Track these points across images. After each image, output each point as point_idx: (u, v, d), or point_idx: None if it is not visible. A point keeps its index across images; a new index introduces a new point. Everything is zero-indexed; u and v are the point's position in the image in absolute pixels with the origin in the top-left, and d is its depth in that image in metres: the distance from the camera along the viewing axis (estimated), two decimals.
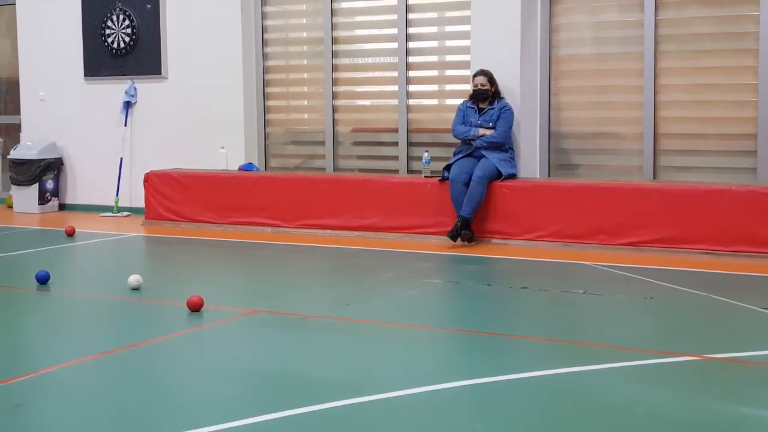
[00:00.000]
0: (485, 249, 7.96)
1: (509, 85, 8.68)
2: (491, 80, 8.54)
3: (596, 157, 8.87)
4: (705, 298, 5.90)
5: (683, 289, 6.18)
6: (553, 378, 4.21)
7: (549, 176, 8.93)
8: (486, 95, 8.51)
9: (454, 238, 8.08)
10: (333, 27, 9.87)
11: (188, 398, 4.01)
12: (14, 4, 11.30)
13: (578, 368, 4.34)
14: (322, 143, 10.00)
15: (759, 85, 8.07)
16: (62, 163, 11.03)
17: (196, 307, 5.57)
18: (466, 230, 8.11)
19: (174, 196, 9.66)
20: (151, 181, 9.78)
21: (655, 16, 8.46)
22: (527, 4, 8.77)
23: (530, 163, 8.87)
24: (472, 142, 8.44)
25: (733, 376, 4.30)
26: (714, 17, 8.32)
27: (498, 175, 8.27)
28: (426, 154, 8.87)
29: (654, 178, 8.50)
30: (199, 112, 10.24)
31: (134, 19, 10.48)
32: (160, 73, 10.41)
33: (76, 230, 8.94)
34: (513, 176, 8.38)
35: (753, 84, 8.12)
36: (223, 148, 10.02)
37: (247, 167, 9.84)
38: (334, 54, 9.89)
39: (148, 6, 10.40)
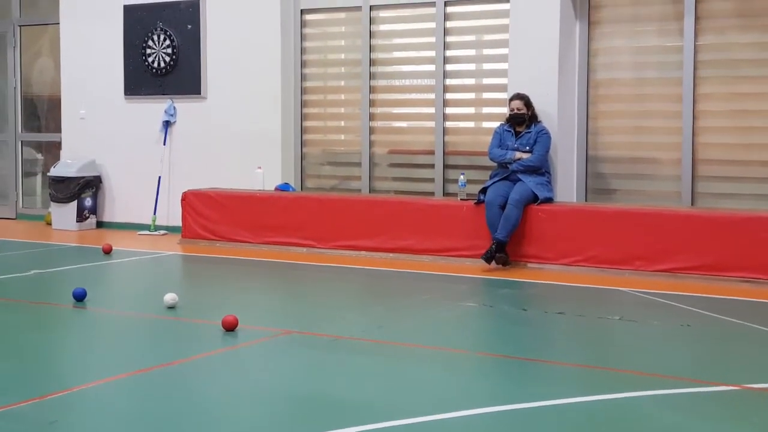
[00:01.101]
0: (520, 273, 7.92)
1: (546, 109, 8.66)
2: (528, 104, 8.52)
3: (634, 182, 8.81)
4: (744, 327, 5.82)
5: (721, 317, 6.10)
6: (588, 405, 4.16)
7: (586, 201, 8.88)
8: (522, 119, 8.49)
9: (488, 260, 8.05)
10: (371, 49, 9.91)
11: (220, 418, 4.00)
12: (58, 23, 11.46)
13: (614, 395, 4.29)
14: (359, 164, 10.03)
15: None
16: (101, 181, 11.13)
17: (230, 327, 5.58)
18: (501, 253, 8.07)
19: (211, 215, 9.71)
20: (189, 199, 9.85)
21: (695, 41, 8.41)
22: (565, 28, 8.75)
23: (567, 187, 8.83)
24: (508, 165, 8.42)
25: None
26: (754, 43, 8.26)
27: (534, 198, 8.23)
28: (462, 176, 8.85)
29: (692, 204, 8.42)
30: (237, 131, 10.31)
31: (175, 39, 10.59)
32: (200, 93, 10.50)
33: (113, 248, 9.01)
34: (549, 200, 8.34)
35: None
36: (260, 168, 10.07)
37: (284, 187, 9.88)
38: (372, 75, 9.92)
39: (189, 26, 10.50)
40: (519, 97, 8.53)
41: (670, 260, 7.64)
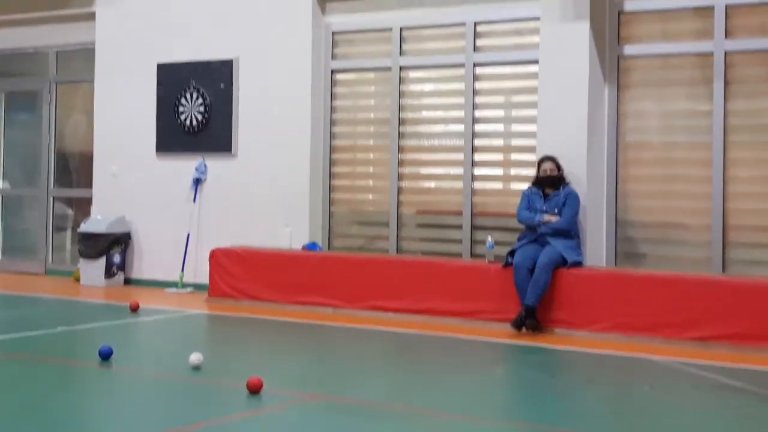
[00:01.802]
0: (549, 339, 7.83)
1: (575, 171, 8.63)
2: (558, 166, 8.51)
3: (664, 247, 8.73)
4: None
5: (752, 387, 5.98)
6: None
7: (615, 265, 8.80)
8: (555, 181, 8.47)
9: (518, 327, 7.97)
10: (400, 108, 9.96)
11: None
12: (92, 81, 11.63)
13: None
14: (386, 224, 10.03)
15: None
16: (130, 238, 11.20)
17: (255, 389, 5.54)
18: (531, 319, 8.00)
19: (238, 273, 9.73)
20: (217, 257, 9.88)
21: (725, 106, 8.38)
22: (595, 91, 8.76)
23: (596, 250, 8.77)
24: (537, 228, 8.39)
25: None
26: None
27: (563, 262, 8.17)
28: (490, 238, 8.82)
29: (723, 270, 8.33)
30: (266, 190, 10.36)
31: (207, 98, 10.71)
32: (230, 151, 10.58)
33: (140, 305, 9.03)
34: (579, 264, 8.28)
35: None
36: (288, 226, 10.10)
37: (311, 246, 9.89)
38: (401, 135, 9.97)
39: (222, 85, 10.62)
40: (550, 158, 8.52)
41: (700, 328, 7.53)
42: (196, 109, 10.78)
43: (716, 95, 8.43)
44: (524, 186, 8.80)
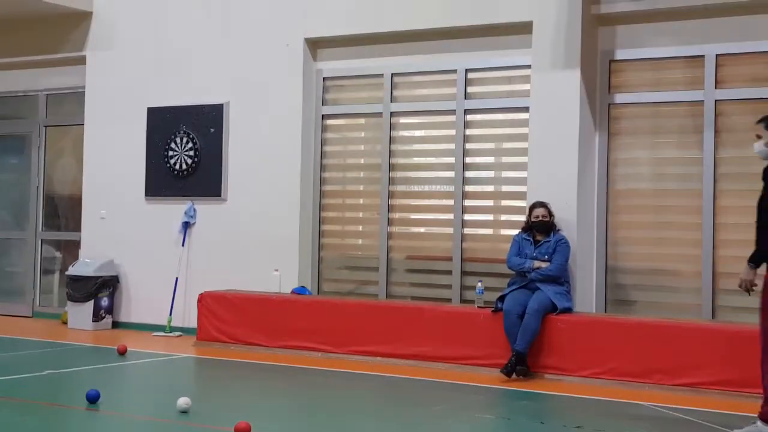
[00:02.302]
0: (539, 384, 7.80)
1: (566, 218, 8.66)
2: (549, 212, 8.54)
3: (654, 294, 8.74)
4: None
5: None
6: None
7: (605, 311, 8.80)
8: (546, 227, 8.49)
9: (509, 374, 7.92)
10: (391, 154, 9.99)
11: None
12: (82, 124, 11.64)
13: None
14: (376, 269, 10.01)
15: None
16: (118, 281, 11.14)
17: None
18: (522, 365, 7.97)
19: (226, 317, 9.67)
20: (205, 301, 9.83)
21: (715, 154, 8.45)
22: (585, 138, 8.82)
23: (586, 297, 8.77)
24: (527, 274, 8.38)
25: None
26: None
27: (553, 308, 8.17)
28: (479, 284, 8.81)
29: (713, 317, 8.33)
30: (255, 234, 10.34)
31: (197, 142, 10.72)
32: (220, 195, 10.58)
33: (128, 349, 8.95)
34: (569, 310, 8.27)
35: None
36: (277, 270, 10.08)
37: (300, 291, 9.85)
38: (391, 180, 9.99)
39: (212, 130, 10.64)
40: (542, 204, 8.55)
41: (691, 374, 7.52)
42: (186, 153, 10.79)
43: (706, 143, 8.50)
44: (514, 232, 8.81)
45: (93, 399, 6.37)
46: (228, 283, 10.21)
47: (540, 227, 8.52)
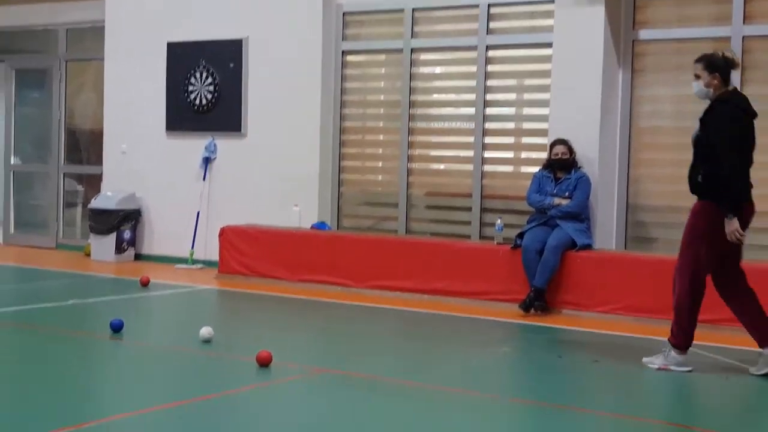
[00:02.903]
0: (556, 319, 7.86)
1: (587, 155, 8.63)
2: (570, 149, 8.51)
3: (674, 232, 8.69)
4: None
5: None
6: None
7: (625, 248, 8.81)
8: (566, 164, 8.47)
9: (527, 309, 7.98)
10: (411, 91, 9.96)
11: None
12: (102, 59, 11.64)
13: None
14: (396, 205, 10.04)
15: None
16: (140, 214, 11.23)
17: (265, 363, 5.57)
18: (539, 301, 8.02)
19: (247, 251, 9.75)
20: (226, 235, 9.91)
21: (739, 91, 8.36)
22: (608, 75, 8.75)
23: (606, 234, 8.77)
24: (547, 211, 8.39)
25: None
26: None
27: (573, 244, 8.18)
28: (499, 220, 8.83)
29: None
30: (275, 169, 10.37)
31: (217, 77, 10.71)
32: (240, 131, 10.59)
33: (151, 280, 9.06)
34: (588, 247, 8.29)
35: None
36: (297, 206, 10.13)
37: (320, 226, 9.91)
38: (411, 117, 9.96)
39: (231, 65, 10.62)
40: (562, 142, 8.52)
41: (708, 311, 7.49)
42: (206, 88, 10.79)
43: (731, 80, 8.39)
44: (535, 169, 8.80)
45: (117, 328, 6.48)
46: (248, 218, 10.27)
47: (559, 165, 8.50)
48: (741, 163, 5.93)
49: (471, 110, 9.62)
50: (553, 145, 8.59)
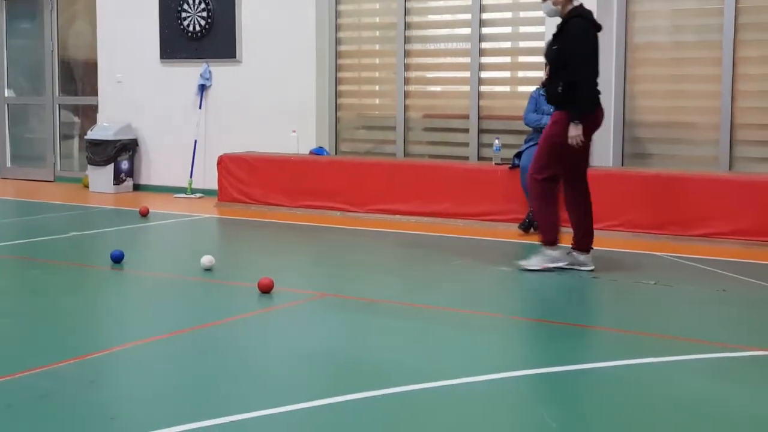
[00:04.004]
0: None
1: None
2: None
3: (671, 147, 8.73)
4: None
5: (757, 281, 6.06)
6: (619, 369, 4.17)
7: (622, 165, 8.82)
8: None
9: (526, 229, 8.03)
10: (406, 12, 9.86)
11: (256, 379, 4.06)
12: None
13: (647, 360, 4.29)
14: (393, 128, 10.02)
15: None
16: (137, 144, 11.22)
17: (267, 289, 5.63)
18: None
19: (246, 178, 9.77)
20: (224, 163, 9.91)
21: (735, 3, 8.28)
22: None
23: (603, 151, 8.76)
24: (544, 130, 8.36)
25: None
26: None
27: None
28: (497, 141, 8.82)
29: (730, 168, 8.35)
30: (271, 95, 10.32)
31: (210, 3, 10.59)
32: (235, 57, 10.52)
33: (150, 211, 9.09)
34: None
35: None
36: (295, 131, 10.11)
37: (318, 151, 9.91)
38: (407, 39, 9.88)
39: None
40: None
41: (706, 225, 7.59)
42: (199, 15, 10.68)
43: None
44: (532, 89, 8.75)
45: (117, 259, 6.52)
46: (246, 146, 10.26)
47: None
48: (592, 74, 6.35)
49: (467, 30, 9.54)
50: (545, 64, 8.51)
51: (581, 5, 6.54)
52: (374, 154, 10.15)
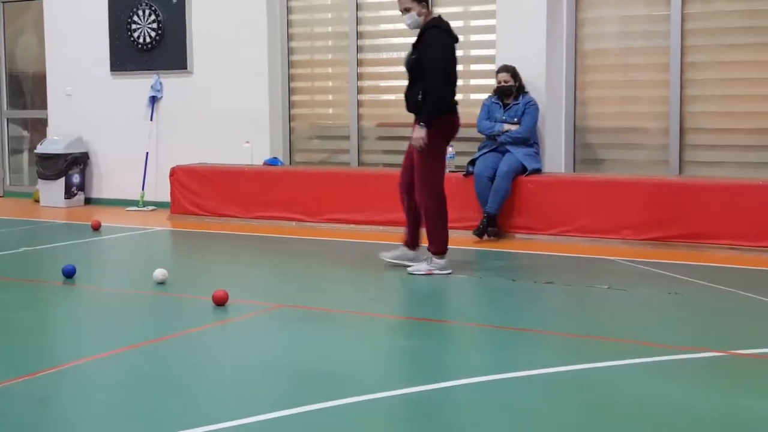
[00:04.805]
0: (510, 244, 7.94)
1: (534, 80, 8.64)
2: (515, 76, 8.51)
3: (622, 152, 8.82)
4: (730, 294, 5.86)
5: (708, 284, 6.14)
6: (574, 374, 4.19)
7: (574, 171, 8.89)
8: (510, 91, 8.48)
9: (480, 234, 8.07)
10: (358, 21, 9.87)
11: (209, 393, 4.02)
12: None
13: (601, 364, 4.31)
14: (347, 138, 10.01)
15: None
16: (88, 158, 11.10)
17: (220, 302, 5.59)
18: (493, 227, 8.10)
19: (199, 190, 9.70)
20: (177, 175, 9.83)
21: (682, 9, 8.40)
22: None
23: (555, 157, 8.84)
24: (496, 137, 8.42)
25: (759, 372, 4.26)
26: (742, 11, 8.25)
27: (523, 169, 8.24)
28: (450, 149, 8.82)
29: (680, 173, 8.45)
30: (224, 106, 10.27)
31: (160, 14, 10.52)
32: (186, 68, 10.45)
33: (102, 224, 8.99)
34: (538, 171, 8.35)
35: None
36: (248, 142, 10.06)
37: (272, 162, 9.87)
38: (359, 48, 9.89)
39: (174, 1, 10.43)
40: (506, 69, 8.51)
41: (657, 229, 7.67)
42: (149, 26, 10.60)
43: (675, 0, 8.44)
44: (484, 96, 8.80)
45: (69, 274, 6.44)
46: (199, 157, 10.20)
47: (504, 92, 8.51)
48: (447, 82, 6.53)
49: None
50: (497, 72, 8.59)
51: (439, 16, 6.77)
52: (328, 164, 10.13)
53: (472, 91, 9.48)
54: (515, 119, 8.42)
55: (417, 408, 3.78)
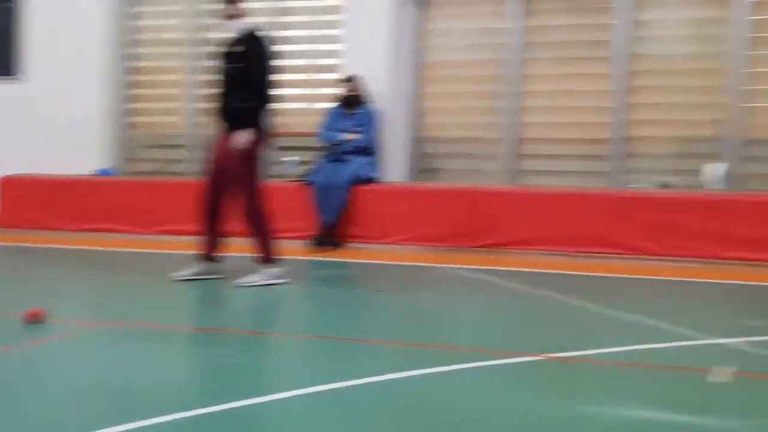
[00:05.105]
0: (344, 253, 7.85)
1: (378, 89, 8.62)
2: (359, 85, 8.47)
3: (460, 162, 8.88)
4: (549, 299, 5.91)
5: (531, 290, 6.18)
6: (401, 381, 4.05)
7: (414, 180, 8.89)
8: (354, 100, 8.45)
9: (318, 244, 7.96)
10: (199, 29, 9.65)
11: (25, 414, 3.74)
12: None
13: (427, 371, 4.20)
14: (182, 147, 9.77)
15: (612, 91, 8.24)
16: None
17: (35, 320, 5.25)
18: (330, 236, 8.01)
19: (28, 202, 9.27)
20: (5, 187, 9.38)
21: (524, 23, 8.52)
22: (399, 10, 8.72)
23: (396, 167, 8.82)
24: (338, 146, 8.35)
25: (570, 375, 4.27)
26: (579, 25, 8.45)
27: (362, 179, 8.19)
28: (292, 158, 8.73)
29: (517, 181, 8.55)
30: (57, 114, 9.85)
31: None
32: (15, 75, 10.00)
33: None
34: (375, 180, 8.31)
35: (608, 91, 8.28)
36: (82, 151, 9.69)
37: (104, 172, 9.53)
38: (201, 56, 9.67)
39: (8, 4, 9.98)
40: (348, 79, 8.48)
41: (491, 236, 7.74)
42: None
43: (516, 13, 8.55)
44: (328, 105, 8.72)
45: None
46: (29, 167, 9.73)
47: (349, 101, 8.47)
48: (269, 93, 6.30)
49: None
50: (341, 81, 8.54)
51: (256, 25, 6.57)
52: (164, 174, 9.84)
53: (317, 100, 9.38)
54: (358, 128, 8.37)
55: (231, 425, 3.59)
